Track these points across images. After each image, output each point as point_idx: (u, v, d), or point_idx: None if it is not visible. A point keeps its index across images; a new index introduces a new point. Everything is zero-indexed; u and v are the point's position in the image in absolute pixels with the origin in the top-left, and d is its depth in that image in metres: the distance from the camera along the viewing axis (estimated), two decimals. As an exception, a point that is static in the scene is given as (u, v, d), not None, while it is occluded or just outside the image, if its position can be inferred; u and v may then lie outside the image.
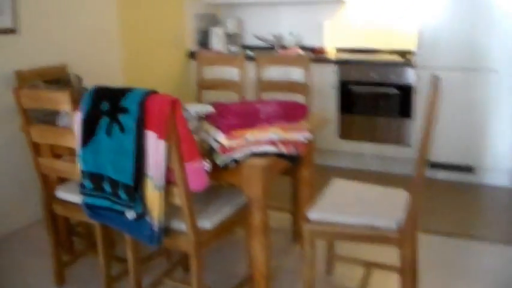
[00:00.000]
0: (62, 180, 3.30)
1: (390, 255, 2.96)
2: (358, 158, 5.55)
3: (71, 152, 2.87)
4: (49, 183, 3.26)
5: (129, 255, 2.96)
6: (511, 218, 4.31)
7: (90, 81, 4.26)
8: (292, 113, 2.77)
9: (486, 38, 4.68)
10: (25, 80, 3.94)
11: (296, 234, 3.88)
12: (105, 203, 2.65)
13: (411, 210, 2.65)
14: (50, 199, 3.24)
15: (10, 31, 4.05)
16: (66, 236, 3.71)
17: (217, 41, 6.20)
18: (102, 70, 4.91)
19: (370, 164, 5.51)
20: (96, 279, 3.30)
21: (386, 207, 2.89)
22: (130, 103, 2.45)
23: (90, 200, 2.70)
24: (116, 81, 5.05)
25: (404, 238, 2.68)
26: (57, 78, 3.91)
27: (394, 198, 3.01)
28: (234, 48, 6.29)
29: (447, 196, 4.73)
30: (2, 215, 4.10)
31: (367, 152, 5.45)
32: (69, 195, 3.12)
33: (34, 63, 4.15)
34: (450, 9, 4.78)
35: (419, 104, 5.00)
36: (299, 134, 2.80)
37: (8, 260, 3.80)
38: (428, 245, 3.64)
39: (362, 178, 5.09)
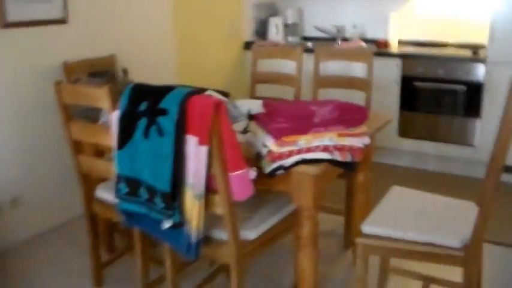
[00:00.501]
0: (104, 179, 3.16)
1: (451, 268, 2.69)
2: (418, 157, 5.29)
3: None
4: (90, 182, 3.13)
5: (167, 262, 2.81)
6: None
7: (141, 73, 4.17)
8: (350, 117, 2.51)
9: None
10: (72, 71, 3.83)
11: (348, 240, 3.68)
12: (141, 209, 2.47)
13: (479, 227, 2.39)
14: (89, 198, 3.12)
15: (60, 21, 3.92)
16: (107, 234, 3.61)
17: (276, 32, 6.01)
18: (154, 62, 4.77)
19: (430, 164, 5.26)
20: (134, 281, 3.16)
21: (451, 222, 2.64)
22: (170, 104, 2.25)
23: (126, 205, 2.53)
24: (168, 73, 4.91)
25: (469, 257, 2.42)
26: (105, 71, 3.78)
27: (460, 211, 2.76)
28: (293, 39, 6.09)
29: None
30: (46, 210, 4.02)
31: (428, 152, 5.19)
32: (109, 195, 2.96)
33: (83, 54, 4.03)
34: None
35: (488, 102, 4.72)
36: (357, 140, 2.55)
37: (49, 256, 3.74)
38: (493, 257, 3.41)
39: (422, 178, 5.01)
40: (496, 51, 4.63)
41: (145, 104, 2.34)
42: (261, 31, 6.14)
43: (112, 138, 2.54)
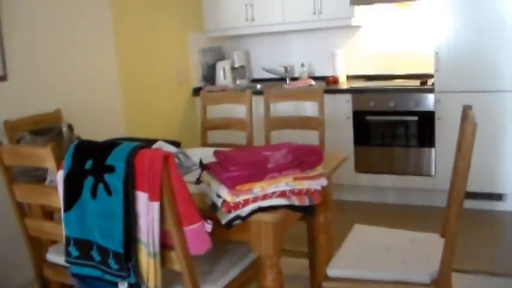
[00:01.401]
0: (55, 241, 3.00)
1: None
2: (377, 191, 5.26)
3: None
4: (40, 245, 2.97)
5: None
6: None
7: (88, 128, 4.06)
8: (306, 160, 2.43)
9: (508, 57, 4.39)
10: (14, 130, 3.68)
11: (314, 283, 3.58)
12: (94, 272, 2.34)
13: (446, 259, 2.33)
14: (40, 262, 2.96)
15: (-1, 78, 3.79)
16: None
17: (224, 76, 5.96)
18: (101, 115, 4.65)
19: (390, 196, 5.24)
20: None
21: (417, 257, 2.60)
22: (116, 160, 2.15)
23: (78, 270, 2.40)
24: (116, 125, 4.80)
25: (439, 292, 2.36)
26: (50, 127, 3.64)
27: (425, 244, 2.73)
28: (241, 82, 6.06)
29: (477, 227, 4.45)
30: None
31: (387, 185, 5.16)
32: (61, 258, 2.79)
33: (25, 111, 3.89)
34: (468, 29, 4.51)
35: (441, 130, 4.74)
36: (314, 182, 2.48)
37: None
38: (462, 286, 3.36)
39: (383, 212, 4.98)
40: (443, 80, 4.67)
41: (90, 162, 2.23)
42: (209, 76, 6.09)
43: (59, 199, 2.41)
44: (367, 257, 2.64)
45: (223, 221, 2.32)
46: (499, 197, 4.76)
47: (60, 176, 2.37)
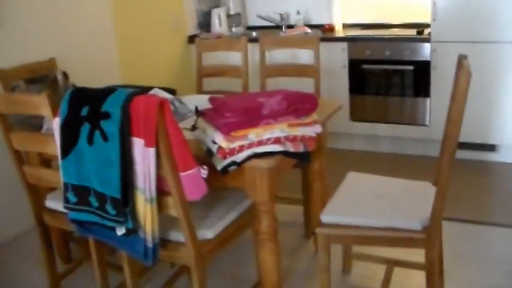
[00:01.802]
0: (53, 188, 3.03)
1: (414, 250, 2.67)
2: (371, 140, 5.29)
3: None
4: (38, 192, 3.01)
5: (126, 268, 2.70)
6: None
7: (83, 76, 4.04)
8: (300, 107, 2.44)
9: (506, 8, 4.36)
10: (9, 79, 3.65)
11: (309, 230, 3.64)
12: (92, 218, 2.37)
13: (437, 207, 2.37)
14: (39, 209, 3.00)
15: (-8, 26, 3.76)
16: (62, 244, 3.49)
17: (219, 23, 5.91)
18: (96, 63, 4.62)
19: (384, 145, 5.27)
20: (94, 291, 3.07)
21: (409, 204, 2.64)
22: (112, 107, 2.16)
23: (76, 215, 2.43)
24: (111, 73, 4.78)
25: (430, 238, 2.42)
26: (44, 76, 3.62)
27: (417, 192, 2.76)
28: (237, 30, 6.01)
29: (469, 177, 4.49)
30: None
31: (381, 134, 5.18)
32: (60, 204, 2.83)
33: (19, 60, 3.86)
34: (466, -22, 4.44)
35: (436, 80, 4.73)
36: (309, 129, 2.49)
37: (2, 272, 3.58)
38: (452, 234, 3.43)
39: (377, 161, 5.02)
40: (439, 30, 4.64)
41: (86, 109, 2.24)
42: (205, 23, 6.03)
43: (56, 147, 2.42)
44: (360, 204, 2.67)
45: (219, 167, 2.35)
46: (492, 147, 4.79)
47: (56, 123, 2.38)
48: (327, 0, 5.71)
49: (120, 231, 2.30)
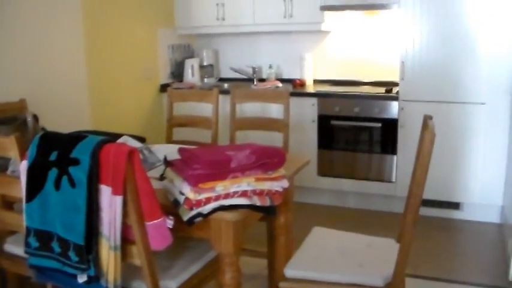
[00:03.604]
0: (12, 231, 2.98)
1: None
2: (338, 195, 5.32)
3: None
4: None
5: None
6: (498, 257, 4.11)
7: (53, 119, 4.02)
8: (268, 161, 2.47)
9: (471, 70, 4.51)
10: (-22, 118, 3.64)
11: (272, 283, 3.60)
12: (53, 264, 2.34)
13: (400, 264, 2.40)
14: (-3, 253, 2.93)
15: (-36, 65, 3.74)
16: (19, 290, 3.40)
17: (192, 74, 5.97)
18: (67, 106, 4.61)
19: (351, 201, 5.30)
20: None
21: (373, 260, 2.66)
22: (81, 154, 2.16)
23: (37, 261, 2.39)
24: (81, 117, 4.76)
25: (391, 296, 2.42)
26: (14, 117, 3.59)
27: (381, 249, 2.78)
28: (209, 81, 6.08)
29: (433, 235, 4.54)
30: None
31: (348, 189, 5.22)
32: (19, 249, 2.79)
33: (-10, 100, 3.84)
34: (434, 40, 4.60)
35: (403, 138, 4.82)
36: (275, 184, 2.52)
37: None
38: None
39: (343, 216, 5.04)
40: (407, 89, 4.76)
41: (55, 154, 2.24)
42: (177, 73, 6.09)
43: (21, 190, 2.40)
44: (325, 259, 2.68)
45: (185, 218, 2.34)
46: (456, 205, 4.86)
47: (23, 166, 2.36)
48: (299, 55, 5.82)
49: (82, 278, 2.27)
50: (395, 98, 4.83)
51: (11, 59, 4.10)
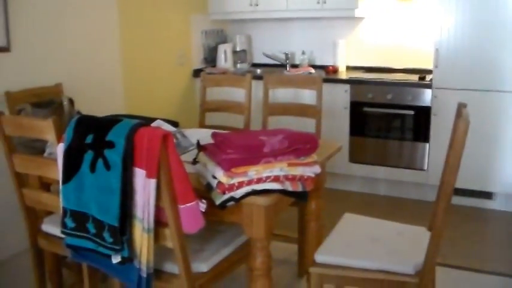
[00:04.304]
0: (50, 212, 3.05)
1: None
2: (369, 182, 5.31)
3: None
4: (35, 215, 3.03)
5: (118, 297, 2.71)
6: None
7: (88, 103, 4.08)
8: (301, 147, 2.48)
9: (507, 58, 4.44)
10: (15, 101, 3.71)
11: (302, 268, 3.64)
12: (89, 244, 2.39)
13: (431, 252, 2.39)
14: (35, 232, 3.02)
15: (2, 49, 3.80)
16: (54, 269, 3.45)
17: (225, 59, 5.99)
18: (101, 91, 4.68)
19: (382, 188, 5.28)
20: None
21: (403, 248, 2.65)
22: (116, 137, 2.19)
23: (73, 241, 2.44)
24: (115, 102, 4.83)
25: (422, 283, 2.42)
26: (51, 100, 3.66)
27: (412, 237, 2.77)
28: (242, 66, 6.09)
29: (465, 224, 4.51)
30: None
31: (379, 176, 5.20)
32: (56, 229, 2.86)
33: (27, 84, 3.91)
34: (469, 27, 4.53)
35: (436, 126, 4.78)
36: (308, 169, 2.52)
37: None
38: (445, 280, 3.42)
39: (374, 203, 5.03)
40: (441, 77, 4.71)
41: (91, 137, 2.28)
42: (210, 58, 6.12)
43: (58, 172, 2.46)
44: (355, 246, 2.69)
45: (217, 202, 2.37)
46: (489, 195, 4.81)
47: (60, 148, 2.41)
48: (332, 42, 5.79)
49: (116, 259, 2.31)
50: (429, 86, 4.79)
51: (48, 45, 4.17)
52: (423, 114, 4.86)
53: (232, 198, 2.36)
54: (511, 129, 4.54)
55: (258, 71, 5.92)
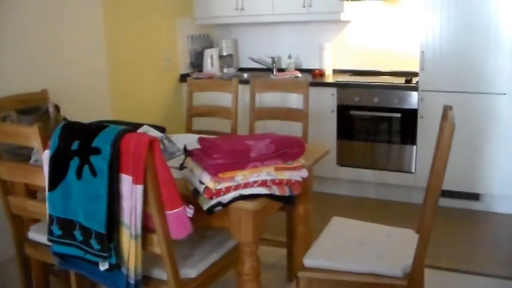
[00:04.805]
0: (36, 219, 3.03)
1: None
2: (358, 186, 5.31)
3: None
4: (21, 223, 3.00)
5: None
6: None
7: (74, 109, 4.06)
8: (288, 151, 2.48)
9: (493, 60, 4.46)
10: (0, 108, 3.66)
11: (291, 272, 3.64)
12: (76, 251, 2.37)
13: (419, 254, 2.40)
14: (21, 240, 2.99)
15: (-14, 55, 3.79)
16: (42, 277, 3.42)
17: (211, 64, 5.98)
18: (87, 97, 4.65)
19: (370, 191, 5.28)
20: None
21: (392, 251, 2.66)
22: (102, 143, 2.18)
23: (60, 249, 2.43)
24: (102, 108, 4.81)
25: (411, 286, 2.44)
26: (36, 107, 3.63)
27: (400, 239, 2.78)
28: (228, 71, 6.09)
29: (453, 226, 4.52)
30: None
31: (367, 179, 5.21)
32: (43, 236, 2.84)
33: (12, 90, 3.88)
34: (454, 29, 4.55)
35: (423, 128, 4.79)
36: (295, 173, 2.52)
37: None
38: (434, 282, 3.41)
39: (362, 206, 5.04)
40: (427, 79, 4.72)
41: (77, 143, 2.26)
42: (197, 63, 6.11)
43: (44, 179, 2.44)
44: (344, 249, 2.69)
45: (205, 207, 2.36)
46: (476, 196, 4.83)
47: (46, 155, 2.40)
48: (318, 45, 5.80)
49: (103, 266, 2.31)
50: (415, 88, 4.80)
51: (33, 50, 4.14)
52: (410, 117, 4.87)
53: (219, 204, 2.36)
54: (496, 130, 4.55)
55: (245, 75, 5.92)
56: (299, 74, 5.60)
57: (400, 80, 5.04)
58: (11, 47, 3.96)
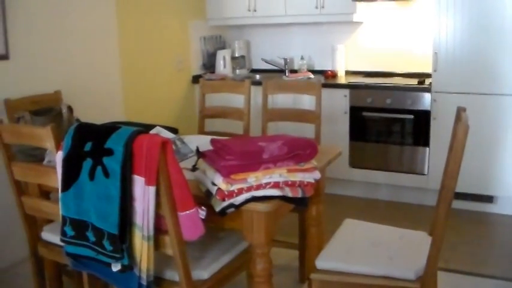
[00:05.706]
0: (50, 220, 3.04)
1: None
2: (370, 187, 5.30)
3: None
4: (35, 223, 3.02)
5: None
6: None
7: (87, 110, 4.08)
8: (300, 153, 2.47)
9: (507, 61, 4.43)
10: (14, 109, 3.70)
11: (303, 274, 3.63)
12: (88, 252, 2.38)
13: (432, 257, 2.38)
14: (35, 241, 3.01)
15: (1, 57, 3.80)
16: (55, 277, 3.44)
17: (224, 65, 5.99)
18: (100, 98, 4.67)
19: (382, 193, 5.27)
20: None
21: (405, 253, 2.64)
22: (115, 144, 2.19)
23: (73, 249, 2.44)
24: (115, 109, 4.83)
25: (424, 289, 2.41)
26: (50, 108, 3.65)
27: (413, 242, 2.76)
28: (241, 72, 6.09)
29: (466, 228, 4.49)
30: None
31: (380, 181, 5.19)
32: (56, 237, 2.84)
33: (26, 91, 3.91)
34: (468, 30, 4.52)
35: (436, 130, 4.77)
36: (307, 175, 2.52)
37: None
38: (447, 284, 3.38)
39: (374, 208, 5.03)
40: (440, 80, 4.70)
41: (90, 145, 2.27)
42: (209, 64, 6.12)
43: (57, 180, 2.45)
44: (356, 251, 2.68)
45: (217, 209, 2.36)
46: (489, 199, 4.80)
47: (59, 156, 2.41)
48: (331, 47, 5.79)
49: (116, 267, 2.31)
50: (428, 90, 4.78)
51: (47, 52, 4.17)
52: (423, 119, 4.85)
53: (232, 205, 2.36)
54: (510, 132, 4.52)
55: (257, 76, 5.93)
56: (311, 75, 5.60)
57: (413, 82, 5.02)
58: (24, 49, 3.98)
